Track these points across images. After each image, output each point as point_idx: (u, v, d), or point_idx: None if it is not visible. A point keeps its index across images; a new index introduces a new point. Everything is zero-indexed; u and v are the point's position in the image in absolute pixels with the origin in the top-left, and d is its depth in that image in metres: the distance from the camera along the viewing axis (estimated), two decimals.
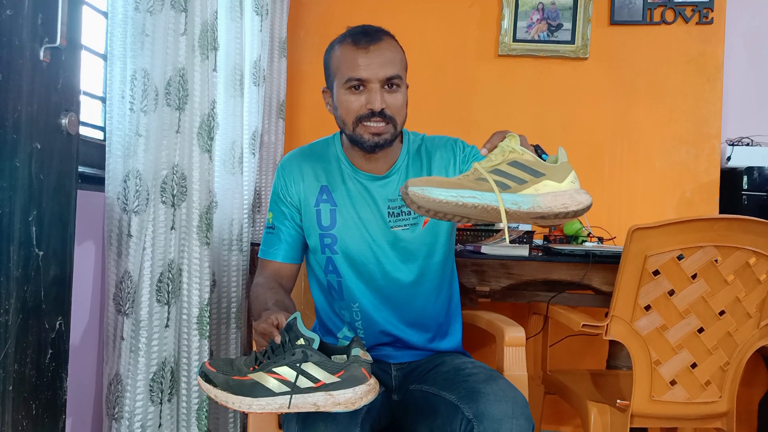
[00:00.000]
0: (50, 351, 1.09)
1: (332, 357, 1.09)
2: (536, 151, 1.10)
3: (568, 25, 2.45)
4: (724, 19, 2.41)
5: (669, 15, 2.43)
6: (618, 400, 1.57)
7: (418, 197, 0.97)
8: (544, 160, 1.07)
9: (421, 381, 1.37)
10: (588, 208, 1.01)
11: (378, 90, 1.28)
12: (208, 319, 1.64)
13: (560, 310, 1.74)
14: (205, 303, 1.63)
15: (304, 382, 1.04)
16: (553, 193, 1.00)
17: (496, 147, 1.06)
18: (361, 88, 1.29)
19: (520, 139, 1.06)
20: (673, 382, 1.54)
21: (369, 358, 1.08)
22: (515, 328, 1.47)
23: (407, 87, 1.37)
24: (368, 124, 1.30)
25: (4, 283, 0.98)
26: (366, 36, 1.31)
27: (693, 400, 1.55)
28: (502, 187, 1.00)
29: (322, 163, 1.43)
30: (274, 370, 1.05)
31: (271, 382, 1.04)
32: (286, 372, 1.04)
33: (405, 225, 1.38)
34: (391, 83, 1.30)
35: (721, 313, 1.52)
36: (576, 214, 1.01)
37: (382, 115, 1.29)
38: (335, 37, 1.38)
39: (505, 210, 0.98)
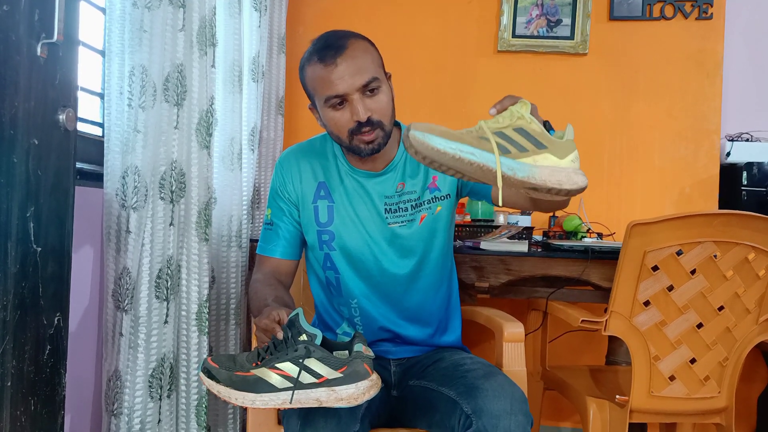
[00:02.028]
0: (48, 347, 1.09)
1: (334, 353, 1.09)
2: (545, 125, 1.09)
3: (567, 21, 2.45)
4: (724, 14, 2.40)
5: (668, 10, 2.42)
6: (617, 396, 1.57)
7: (417, 141, 0.95)
8: (551, 135, 1.06)
9: (420, 377, 1.37)
10: (581, 189, 1.00)
11: (359, 100, 1.26)
12: (207, 316, 1.64)
13: (559, 305, 1.74)
14: (204, 299, 1.63)
15: (306, 378, 1.04)
16: (551, 167, 0.99)
17: (506, 109, 1.05)
18: (343, 102, 1.27)
19: (531, 107, 1.05)
20: (672, 378, 1.54)
21: (371, 353, 1.08)
22: (514, 324, 1.46)
23: (389, 77, 1.35)
24: (362, 135, 1.29)
25: (2, 280, 0.98)
26: (330, 49, 1.27)
27: (692, 395, 1.55)
28: (503, 150, 0.98)
29: (320, 159, 1.43)
30: (277, 365, 1.05)
31: (274, 378, 1.05)
32: (289, 368, 1.05)
33: (402, 222, 1.38)
34: (369, 88, 1.27)
35: (720, 308, 1.52)
36: (569, 193, 0.99)
37: (369, 123, 1.28)
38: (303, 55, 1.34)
39: (501, 173, 0.96)
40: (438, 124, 1.00)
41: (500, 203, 1.12)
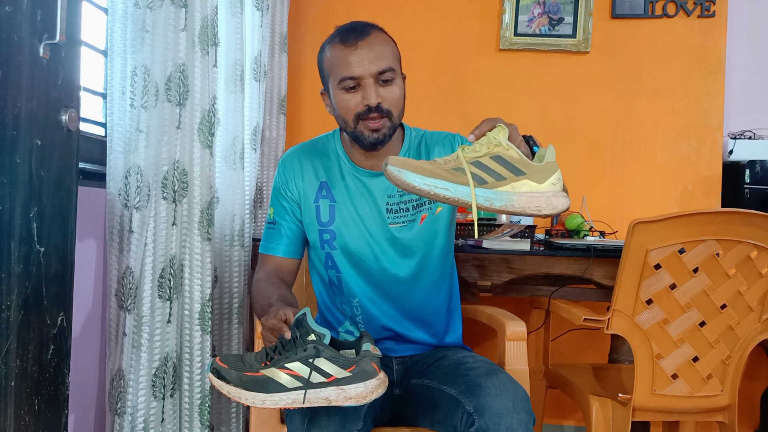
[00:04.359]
0: (52, 347, 1.09)
1: (341, 351, 1.10)
2: (528, 143, 1.08)
3: (569, 19, 2.44)
4: (726, 12, 2.40)
5: (671, 8, 2.42)
6: (620, 394, 1.57)
7: (394, 176, 0.99)
8: (535, 153, 1.06)
9: (422, 375, 1.37)
10: (563, 211, 1.02)
11: (372, 85, 1.28)
12: (209, 315, 1.64)
13: (562, 304, 1.74)
14: (207, 299, 1.63)
15: (316, 378, 1.04)
16: (530, 193, 1.00)
17: (483, 135, 1.05)
18: (356, 86, 1.29)
19: (509, 130, 1.04)
20: (674, 376, 1.54)
21: (378, 352, 1.08)
22: (516, 323, 1.47)
23: (404, 78, 1.36)
24: (367, 121, 1.29)
25: (5, 280, 0.99)
26: (354, 33, 1.29)
27: (695, 393, 1.55)
28: (479, 181, 0.99)
29: (322, 159, 1.43)
30: (287, 365, 1.06)
31: (284, 378, 1.05)
32: (299, 367, 1.05)
33: (403, 222, 1.38)
34: (384, 77, 1.29)
35: (723, 306, 1.52)
36: (550, 216, 1.01)
37: (378, 110, 1.28)
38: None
39: (477, 205, 0.98)
40: (412, 159, 1.02)
41: (476, 236, 1.13)
